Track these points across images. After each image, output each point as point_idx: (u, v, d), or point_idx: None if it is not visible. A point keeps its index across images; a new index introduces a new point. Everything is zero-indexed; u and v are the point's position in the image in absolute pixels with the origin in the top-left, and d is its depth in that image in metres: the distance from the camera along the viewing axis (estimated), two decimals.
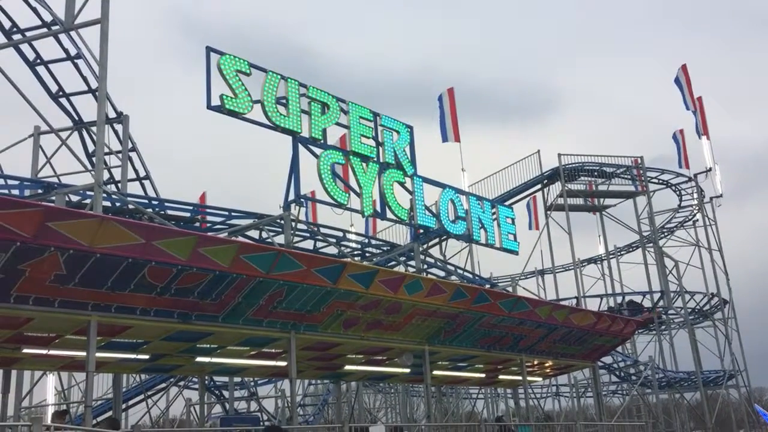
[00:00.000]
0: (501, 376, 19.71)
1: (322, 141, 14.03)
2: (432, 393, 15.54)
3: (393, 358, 15.12)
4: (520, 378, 17.81)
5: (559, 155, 30.34)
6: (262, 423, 19.56)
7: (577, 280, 29.62)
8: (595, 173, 31.92)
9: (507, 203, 25.11)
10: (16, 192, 12.56)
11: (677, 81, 33.65)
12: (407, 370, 15.89)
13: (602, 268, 35.14)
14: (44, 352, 11.09)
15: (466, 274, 20.28)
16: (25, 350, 10.92)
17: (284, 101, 13.48)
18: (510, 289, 19.54)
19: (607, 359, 27.82)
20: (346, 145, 14.91)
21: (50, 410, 20.68)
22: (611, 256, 34.96)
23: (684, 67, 33.65)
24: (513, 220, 18.62)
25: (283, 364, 13.04)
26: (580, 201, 33.23)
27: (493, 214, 18.00)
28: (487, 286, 19.38)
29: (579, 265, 31.23)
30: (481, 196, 18.78)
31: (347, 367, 15.79)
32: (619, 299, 31.59)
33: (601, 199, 34.20)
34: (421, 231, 16.46)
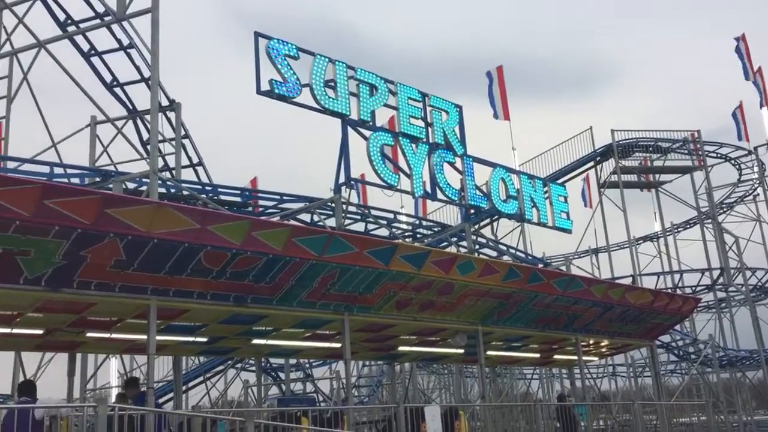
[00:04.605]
0: (556, 356, 19.53)
1: (370, 123, 14.02)
2: (486, 374, 15.50)
3: (446, 339, 15.11)
4: (575, 358, 17.62)
5: (612, 131, 29.71)
6: (318, 404, 19.85)
7: (632, 259, 29.08)
8: (650, 148, 31.15)
9: (559, 181, 24.72)
10: (75, 180, 12.91)
11: (737, 50, 32.53)
12: (461, 351, 15.87)
13: (659, 246, 34.40)
14: (107, 335, 11.41)
15: (518, 253, 20.10)
16: (89, 334, 11.26)
17: (332, 84, 13.50)
18: (564, 268, 19.30)
19: (666, 338, 27.30)
20: (395, 127, 14.86)
21: (114, 392, 21.37)
22: (668, 234, 34.18)
23: (743, 37, 32.51)
24: (566, 198, 18.34)
25: (338, 345, 13.15)
26: (634, 177, 32.51)
27: (545, 192, 17.75)
28: (540, 265, 19.18)
29: (634, 242, 30.61)
30: (532, 175, 18.53)
31: (401, 348, 15.85)
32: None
33: (657, 175, 33.39)
34: (472, 211, 16.35)
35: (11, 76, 13.68)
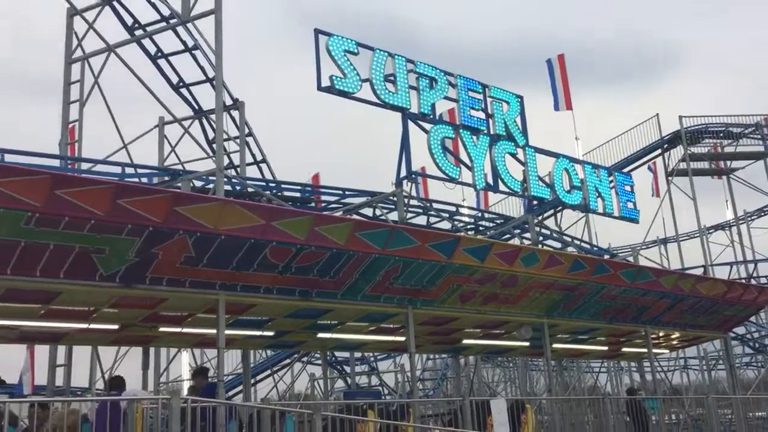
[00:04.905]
0: (624, 349, 19.12)
1: (431, 116, 13.99)
2: (552, 367, 15.31)
3: (511, 332, 14.99)
4: (644, 350, 17.22)
5: (680, 117, 28.90)
6: (383, 397, 19.97)
7: (703, 248, 28.23)
8: (721, 134, 30.16)
9: (625, 170, 24.15)
10: (145, 180, 13.32)
11: None
12: (526, 344, 15.71)
13: (731, 235, 33.22)
14: (178, 330, 11.74)
15: (583, 244, 19.76)
16: (161, 329, 11.60)
17: (392, 78, 13.52)
18: (631, 259, 18.87)
19: (740, 330, 26.41)
20: (456, 119, 14.79)
21: (185, 385, 21.96)
22: (741, 222, 33.00)
23: None
24: (632, 187, 17.94)
25: (402, 339, 13.20)
26: (704, 164, 31.52)
27: (611, 182, 17.39)
28: (607, 256, 18.82)
29: (705, 232, 29.69)
30: (597, 164, 18.19)
31: (465, 341, 15.80)
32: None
33: (728, 162, 32.30)
34: (536, 202, 16.15)
35: (83, 80, 14.16)
